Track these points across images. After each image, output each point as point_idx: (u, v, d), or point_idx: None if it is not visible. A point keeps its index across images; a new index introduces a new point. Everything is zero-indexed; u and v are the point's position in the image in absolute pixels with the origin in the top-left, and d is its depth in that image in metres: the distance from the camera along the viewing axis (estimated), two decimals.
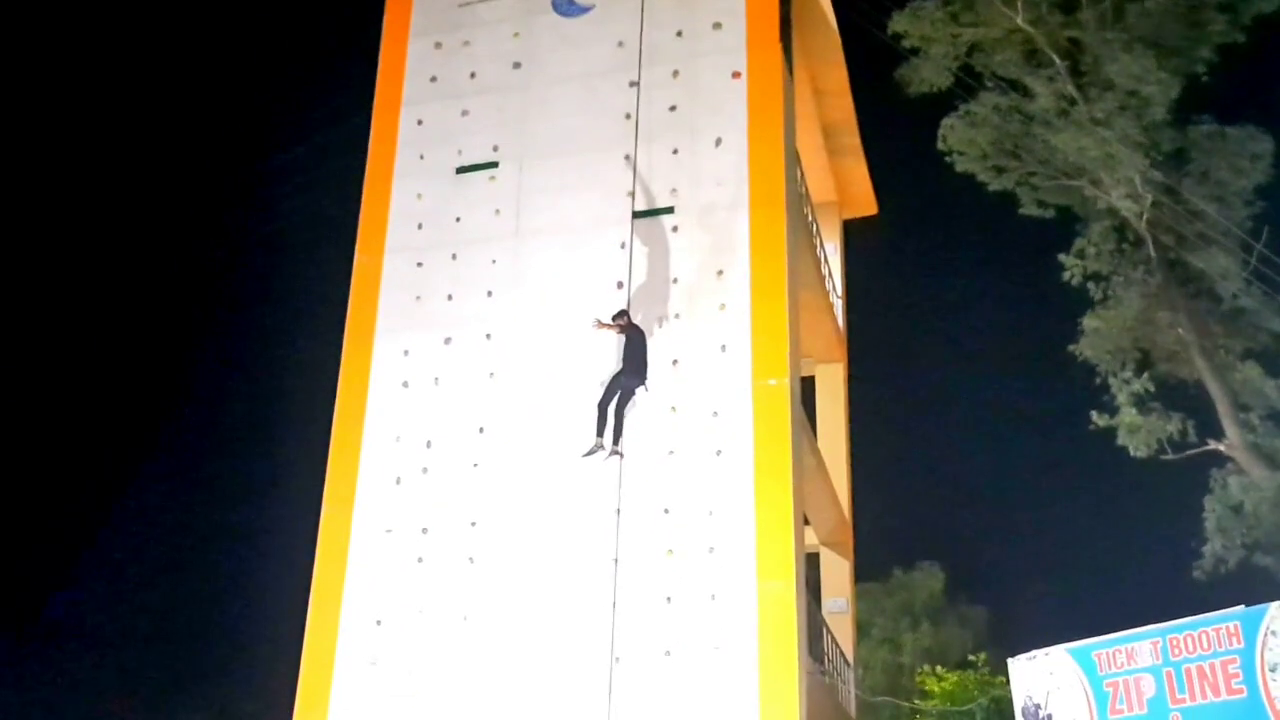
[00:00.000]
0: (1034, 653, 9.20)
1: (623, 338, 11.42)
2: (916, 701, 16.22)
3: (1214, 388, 15.63)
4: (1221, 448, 15.50)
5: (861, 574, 20.00)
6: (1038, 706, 9.04)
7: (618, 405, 11.25)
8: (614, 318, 11.54)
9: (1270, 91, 17.90)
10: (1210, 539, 15.64)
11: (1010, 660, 9.50)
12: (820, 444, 17.17)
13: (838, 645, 15.56)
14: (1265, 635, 7.60)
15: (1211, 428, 15.75)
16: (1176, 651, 8.16)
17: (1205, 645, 8.01)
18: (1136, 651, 8.43)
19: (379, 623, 11.94)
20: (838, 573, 16.99)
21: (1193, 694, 7.97)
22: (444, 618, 11.77)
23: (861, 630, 19.32)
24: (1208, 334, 16.11)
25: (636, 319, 12.03)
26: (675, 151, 13.12)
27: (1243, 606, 7.86)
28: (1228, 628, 7.88)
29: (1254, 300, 15.77)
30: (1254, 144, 16.46)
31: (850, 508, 17.49)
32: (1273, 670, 7.49)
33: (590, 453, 11.14)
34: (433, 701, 11.44)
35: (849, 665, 16.45)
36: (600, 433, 11.11)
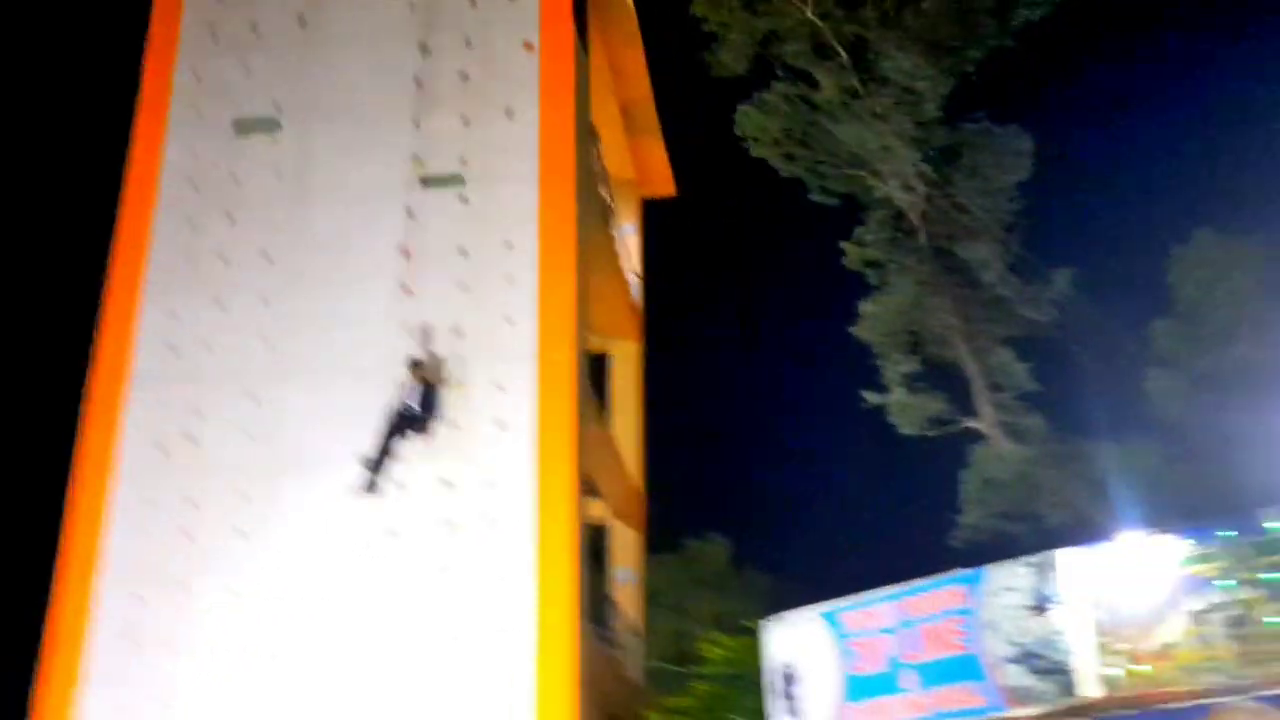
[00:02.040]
0: (787, 615, 9.69)
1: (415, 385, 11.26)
2: (693, 668, 16.74)
3: (973, 370, 16.80)
4: (978, 425, 16.68)
5: (656, 545, 20.50)
6: (789, 666, 9.53)
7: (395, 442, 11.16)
8: (411, 368, 11.36)
9: (1034, 93, 19.25)
10: (966, 509, 16.81)
11: (762, 622, 9.96)
12: (615, 419, 17.47)
13: (622, 616, 15.90)
14: (984, 596, 8.27)
15: (970, 407, 16.91)
16: (911, 612, 8.76)
17: (935, 606, 8.64)
18: (878, 613, 9.01)
19: (138, 598, 11.38)
20: (627, 544, 17.31)
21: (923, 652, 8.59)
22: (212, 593, 11.35)
23: (654, 600, 19.80)
24: (970, 320, 17.26)
25: (421, 289, 11.94)
26: (465, 121, 12.98)
27: (965, 570, 8.52)
28: (954, 589, 8.52)
29: (1011, 289, 17.00)
30: (1018, 142, 17.69)
31: (643, 481, 17.85)
32: (989, 628, 8.17)
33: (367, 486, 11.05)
34: (197, 678, 11.02)
35: (637, 635, 16.83)
36: (376, 469, 11.01)
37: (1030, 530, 15.48)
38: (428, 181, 12.69)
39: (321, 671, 10.79)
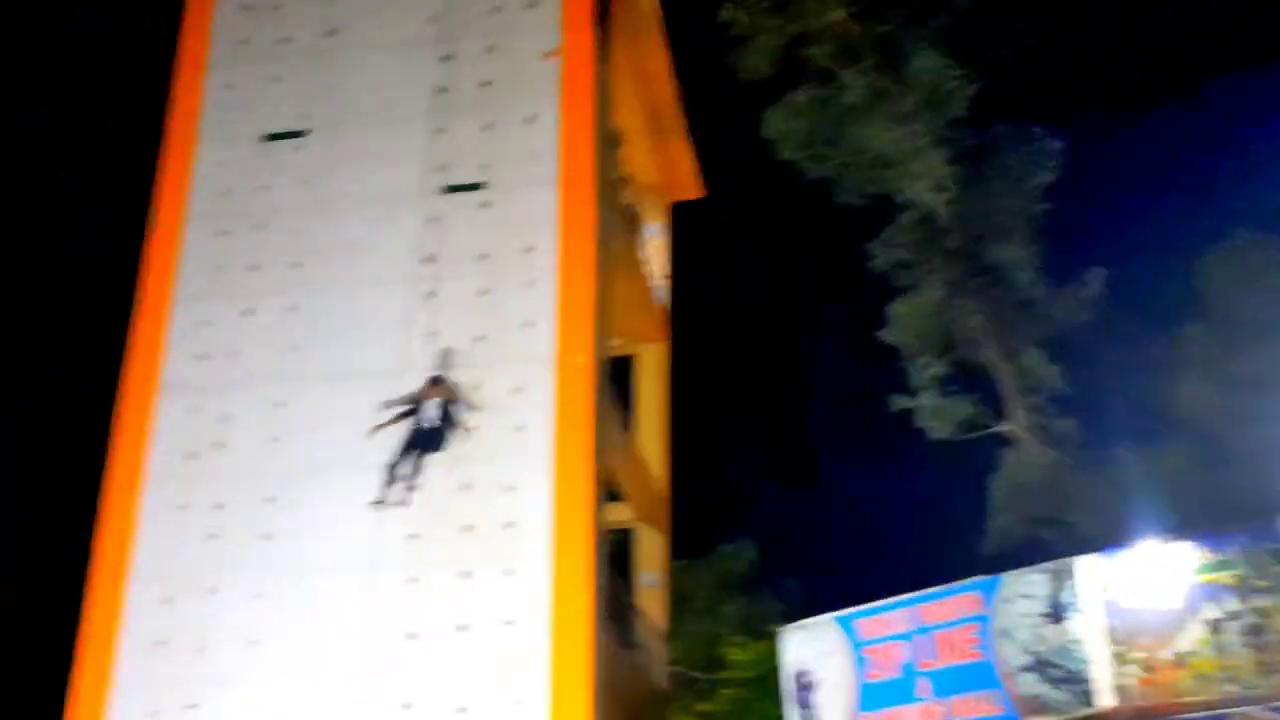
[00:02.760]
0: (804, 622, 9.66)
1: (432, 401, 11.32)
2: (721, 674, 16.72)
3: (1002, 373, 16.61)
4: (1009, 429, 16.50)
5: (684, 549, 20.49)
6: (806, 673, 9.50)
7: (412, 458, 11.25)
8: (430, 385, 11.42)
9: (1064, 92, 19.03)
10: (996, 515, 16.62)
11: (780, 629, 9.94)
12: (639, 423, 17.50)
13: (647, 620, 15.93)
14: (999, 603, 8.20)
15: (1001, 410, 16.73)
16: (926, 619, 8.71)
17: (951, 613, 8.58)
18: (893, 620, 8.96)
19: (167, 601, 11.60)
20: (652, 548, 17.33)
21: (939, 659, 8.53)
22: (239, 596, 11.53)
23: (684, 604, 19.79)
24: (1001, 322, 17.07)
25: (443, 294, 12.09)
26: (487, 127, 13.10)
27: (982, 576, 8.44)
28: (970, 596, 8.46)
29: (1042, 291, 16.80)
30: (1048, 142, 17.48)
31: (668, 485, 17.85)
32: (1004, 636, 8.09)
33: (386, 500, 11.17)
34: (225, 680, 11.21)
35: (661, 639, 16.85)
36: (391, 484, 11.16)
37: (1061, 536, 15.27)
38: (450, 188, 12.82)
39: (343, 672, 10.93)
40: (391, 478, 11.08)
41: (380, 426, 11.26)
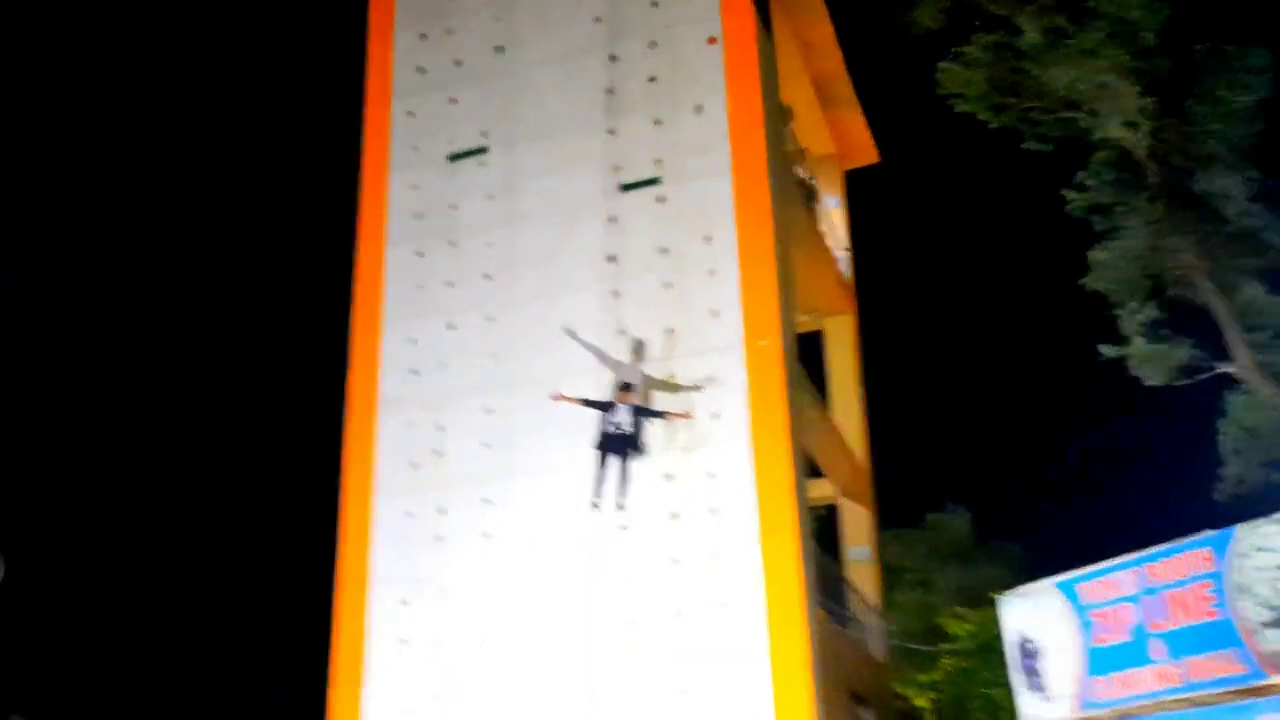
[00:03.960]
0: (1023, 589, 9.43)
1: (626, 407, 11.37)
2: (942, 645, 16.46)
3: (1220, 311, 15.54)
4: (1232, 370, 15.45)
5: (891, 520, 20.24)
6: (1029, 640, 9.29)
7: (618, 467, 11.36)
8: (620, 390, 11.53)
9: (1263, 5, 17.52)
10: (1227, 461, 15.64)
11: (1000, 597, 9.73)
12: (834, 396, 17.41)
13: (860, 594, 15.86)
14: (1233, 558, 7.77)
15: (1221, 351, 15.69)
16: (1154, 578, 8.35)
17: (1182, 571, 8.19)
18: (1118, 581, 8.63)
19: (404, 602, 12.46)
20: (858, 522, 17.23)
21: (1170, 619, 8.17)
22: (465, 594, 12.25)
23: (895, 575, 19.58)
24: (1214, 257, 15.97)
25: (629, 291, 12.44)
26: (657, 122, 13.32)
27: (1214, 531, 8.02)
28: (1201, 553, 8.05)
29: (1257, 219, 15.62)
30: (1252, 59, 16.20)
31: (868, 457, 17.69)
32: (1241, 591, 7.67)
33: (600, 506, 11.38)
34: (461, 675, 11.94)
35: (876, 613, 16.74)
36: (600, 493, 11.35)
37: None
38: (626, 186, 13.12)
39: (564, 661, 11.44)
40: (600, 484, 11.28)
41: (563, 398, 11.45)
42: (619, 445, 11.26)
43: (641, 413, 11.47)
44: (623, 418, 11.26)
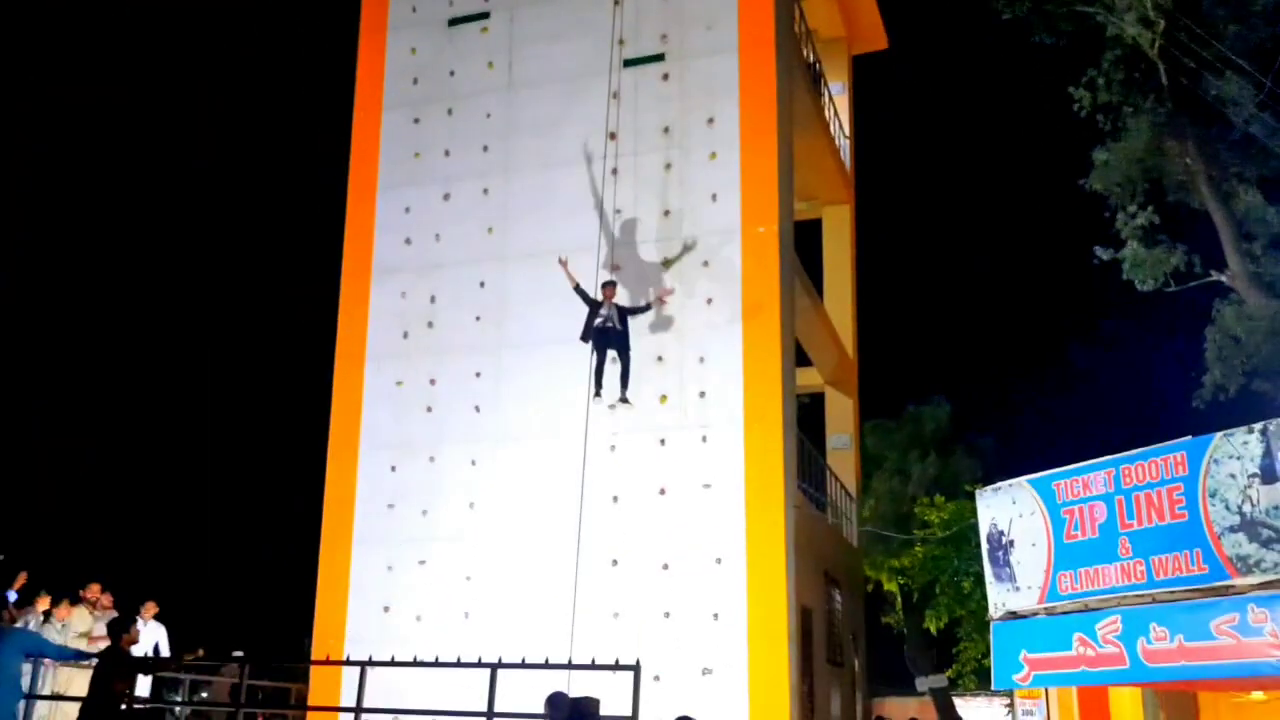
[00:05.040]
0: (999, 484, 9.65)
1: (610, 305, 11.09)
2: (916, 532, 16.91)
3: (1219, 218, 15.47)
4: (1224, 278, 15.49)
5: (874, 410, 20.54)
6: (1001, 534, 9.56)
7: (620, 357, 11.20)
8: (603, 286, 11.25)
9: None
10: (1210, 368, 15.78)
11: (977, 491, 9.98)
12: (827, 285, 17.46)
13: (839, 480, 16.21)
14: (1208, 463, 7.96)
15: (1215, 258, 15.70)
16: (1128, 480, 8.55)
17: (1154, 474, 8.38)
18: (1092, 481, 8.85)
19: (393, 467, 12.69)
20: (842, 410, 17.49)
21: (1140, 519, 8.41)
22: (453, 461, 12.47)
23: (874, 463, 19.94)
24: (1216, 163, 15.83)
25: (628, 169, 12.30)
26: None
27: (1190, 437, 8.19)
28: (1175, 457, 8.22)
29: (1263, 127, 15.42)
30: None
31: (856, 347, 17.85)
32: (1212, 496, 7.89)
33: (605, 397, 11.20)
34: (449, 538, 12.25)
35: (852, 499, 17.14)
36: (600, 382, 11.16)
37: (1279, 390, 14.44)
38: (630, 61, 12.85)
39: (553, 532, 11.71)
40: (599, 375, 11.19)
41: (567, 266, 11.17)
42: (609, 340, 11.14)
43: (626, 311, 11.27)
44: (610, 312, 11.10)
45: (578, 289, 11.18)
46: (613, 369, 11.24)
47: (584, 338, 11.16)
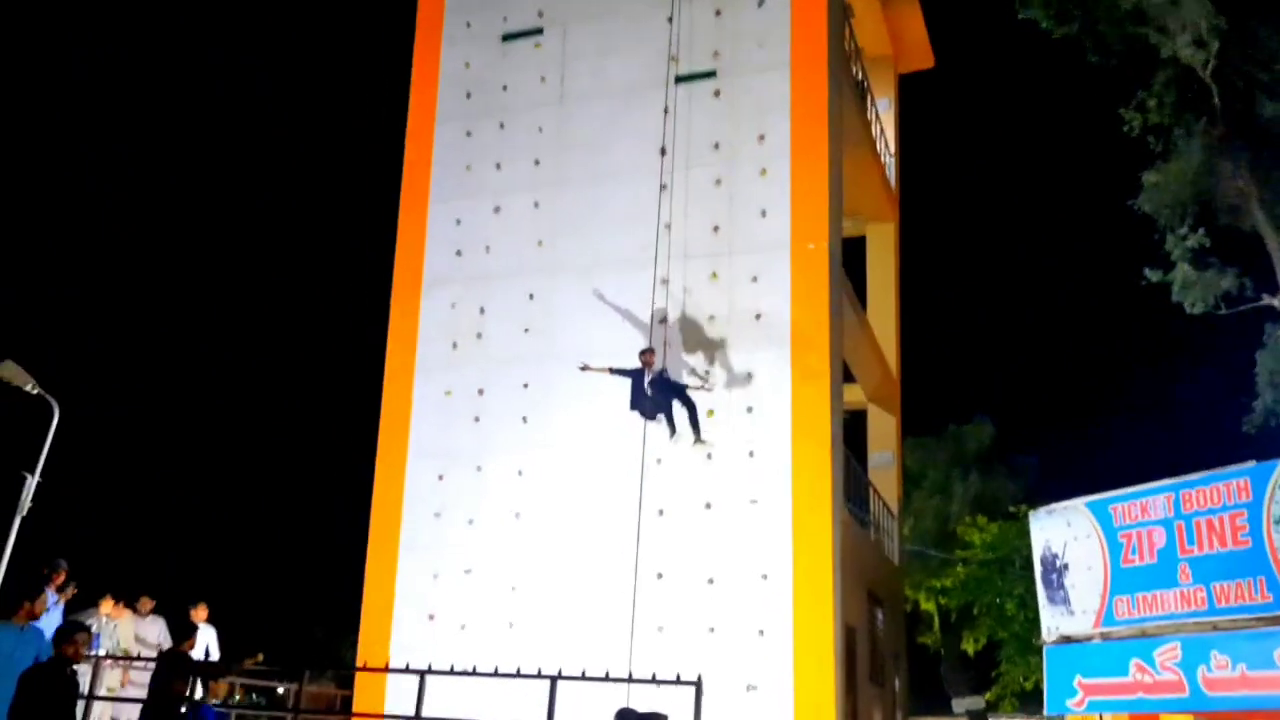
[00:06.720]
0: (1053, 506, 9.59)
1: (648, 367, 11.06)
2: (959, 552, 16.78)
3: (1272, 241, 15.35)
4: (1276, 302, 15.32)
5: (916, 427, 20.44)
6: (1055, 556, 9.48)
7: (683, 406, 11.16)
8: (641, 354, 11.19)
9: None
10: (1261, 393, 15.62)
11: (1030, 512, 9.90)
12: (870, 302, 17.42)
13: (881, 498, 16.13)
14: (1273, 490, 7.87)
15: (1267, 282, 15.54)
16: (1188, 505, 8.47)
17: (1215, 499, 8.29)
18: (1151, 505, 8.75)
19: (441, 477, 12.75)
20: (884, 428, 17.42)
21: (1200, 545, 8.32)
22: (500, 471, 12.52)
23: (914, 482, 19.83)
24: (1269, 185, 15.69)
25: (678, 185, 12.35)
26: (718, 13, 13.05)
27: (1254, 462, 8.10)
28: (1238, 483, 8.14)
29: None
30: None
31: (899, 364, 17.78)
32: (1277, 523, 7.79)
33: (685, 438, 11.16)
34: (490, 546, 12.29)
35: (893, 517, 17.05)
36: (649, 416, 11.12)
37: None
38: (682, 77, 12.91)
39: (600, 544, 11.73)
40: (671, 425, 11.08)
41: (587, 369, 11.21)
42: (666, 396, 11.06)
43: (664, 384, 11.15)
44: (653, 378, 11.02)
45: (613, 371, 11.13)
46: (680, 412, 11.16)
47: (633, 408, 11.06)
